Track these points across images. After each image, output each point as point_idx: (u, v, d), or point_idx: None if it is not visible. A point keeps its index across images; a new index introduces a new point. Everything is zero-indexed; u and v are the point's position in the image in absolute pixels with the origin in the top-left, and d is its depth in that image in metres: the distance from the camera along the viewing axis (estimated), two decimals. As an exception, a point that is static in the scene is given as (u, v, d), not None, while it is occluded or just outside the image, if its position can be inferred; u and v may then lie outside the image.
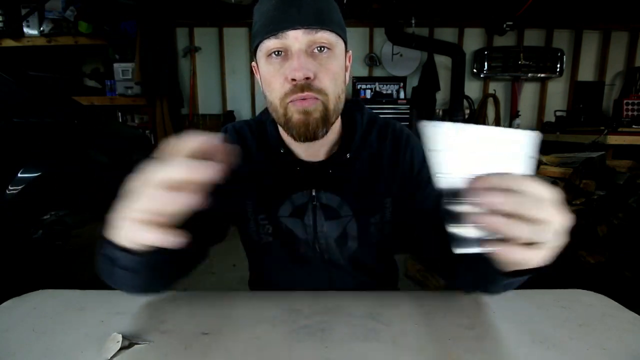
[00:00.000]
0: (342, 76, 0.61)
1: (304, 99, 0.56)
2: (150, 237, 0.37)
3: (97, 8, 3.57)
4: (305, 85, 0.55)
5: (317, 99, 0.56)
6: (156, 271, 0.50)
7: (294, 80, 0.55)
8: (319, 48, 0.56)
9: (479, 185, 0.33)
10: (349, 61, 0.66)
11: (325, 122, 0.58)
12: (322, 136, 0.59)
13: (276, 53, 0.57)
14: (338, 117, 0.63)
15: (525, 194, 0.32)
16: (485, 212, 0.33)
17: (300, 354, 0.47)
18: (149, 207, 0.37)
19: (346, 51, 0.64)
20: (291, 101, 0.57)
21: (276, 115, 0.60)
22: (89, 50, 3.90)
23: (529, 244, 0.34)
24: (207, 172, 0.35)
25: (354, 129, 0.68)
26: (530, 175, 0.34)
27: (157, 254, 0.43)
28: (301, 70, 0.54)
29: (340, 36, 0.59)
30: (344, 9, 0.65)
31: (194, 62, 4.15)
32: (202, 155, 0.37)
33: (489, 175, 0.33)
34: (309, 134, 0.58)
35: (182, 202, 0.36)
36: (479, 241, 0.35)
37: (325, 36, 0.56)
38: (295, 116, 0.57)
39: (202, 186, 0.36)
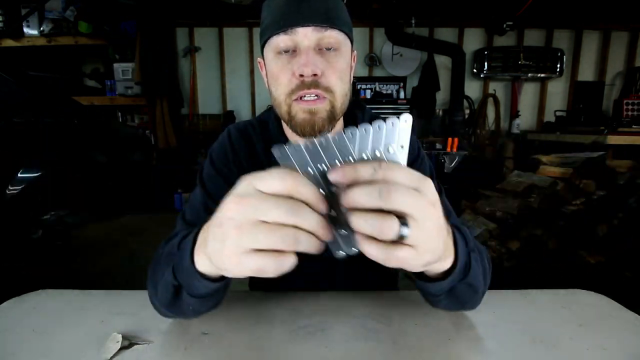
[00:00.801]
0: (348, 75, 0.61)
1: (310, 100, 0.56)
2: (266, 265, 0.30)
3: (97, 8, 3.57)
4: (312, 83, 0.55)
5: (324, 97, 0.57)
6: (220, 293, 0.48)
7: (301, 76, 0.55)
8: (326, 47, 0.57)
9: (335, 177, 0.30)
10: (354, 61, 0.66)
11: (332, 120, 0.58)
12: (327, 133, 0.59)
13: (285, 51, 0.57)
14: (343, 114, 0.64)
15: (384, 183, 0.29)
16: (343, 207, 0.30)
17: (300, 354, 0.47)
18: (270, 240, 0.29)
19: (352, 51, 0.64)
20: (296, 99, 0.57)
21: (279, 111, 0.61)
22: (89, 50, 3.90)
23: (395, 243, 0.30)
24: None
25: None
26: (398, 164, 0.31)
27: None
28: (309, 66, 0.54)
29: (347, 36, 0.60)
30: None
31: (194, 62, 4.15)
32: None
33: (343, 167, 0.30)
34: (314, 133, 0.58)
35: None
36: (348, 240, 0.32)
37: (334, 35, 0.57)
38: (300, 115, 0.57)
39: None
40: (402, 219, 0.29)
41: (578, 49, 4.15)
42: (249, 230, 0.29)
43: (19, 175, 1.59)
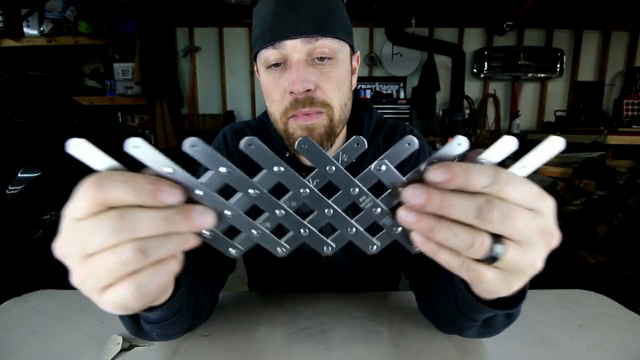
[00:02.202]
0: (347, 83, 0.58)
1: (306, 114, 0.53)
2: (125, 297, 0.24)
3: (97, 8, 3.57)
4: (306, 99, 0.52)
5: (320, 112, 0.54)
6: (179, 316, 0.41)
7: (293, 93, 0.52)
8: (319, 57, 0.53)
9: (436, 175, 0.23)
10: (357, 62, 0.63)
11: (330, 135, 0.55)
12: (327, 150, 0.56)
13: (275, 65, 0.54)
14: (344, 125, 0.60)
15: (497, 196, 0.23)
16: (424, 209, 0.24)
17: (300, 356, 0.47)
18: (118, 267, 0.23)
19: (353, 52, 0.61)
20: (292, 116, 0.54)
21: (277, 127, 0.58)
22: (89, 50, 3.89)
23: (485, 261, 0.25)
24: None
25: (361, 130, 0.65)
26: (519, 177, 0.25)
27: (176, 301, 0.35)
28: (300, 84, 0.51)
29: (344, 40, 0.56)
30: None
31: (194, 62, 4.15)
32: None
33: (450, 164, 0.24)
34: None
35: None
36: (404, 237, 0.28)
37: (327, 44, 0.53)
38: (298, 132, 0.54)
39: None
40: (497, 236, 0.24)
41: (578, 49, 4.15)
42: (82, 270, 0.24)
43: (19, 175, 1.58)
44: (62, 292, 0.64)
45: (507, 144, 0.26)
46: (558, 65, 4.09)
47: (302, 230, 0.27)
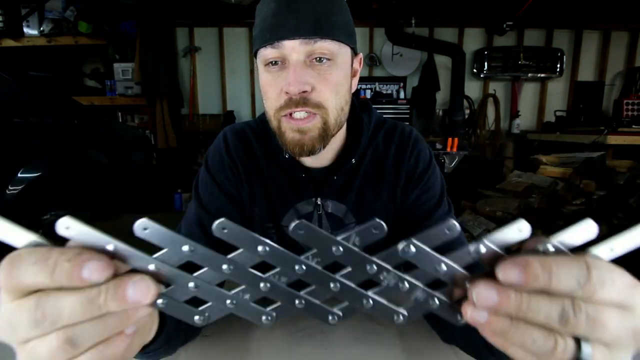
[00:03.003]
0: (345, 86, 0.57)
1: (299, 118, 0.53)
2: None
3: (97, 8, 3.57)
4: (300, 100, 0.52)
5: (315, 114, 0.53)
6: (174, 340, 0.40)
7: (288, 93, 0.52)
8: (318, 58, 0.53)
9: (509, 273, 0.20)
10: (360, 64, 0.63)
11: (324, 138, 0.55)
12: (320, 151, 0.56)
13: (273, 63, 0.54)
14: (341, 128, 0.60)
15: (585, 299, 0.20)
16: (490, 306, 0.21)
17: (300, 356, 0.47)
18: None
19: (355, 54, 0.60)
20: (285, 115, 0.54)
21: (271, 125, 0.58)
22: (89, 50, 3.89)
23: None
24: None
25: (360, 131, 0.65)
26: (612, 272, 0.21)
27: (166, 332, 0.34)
28: (296, 85, 0.50)
29: (344, 42, 0.55)
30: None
31: (194, 62, 4.15)
32: None
33: (531, 255, 0.21)
34: (303, 153, 0.55)
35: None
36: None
37: (326, 45, 0.52)
38: (289, 134, 0.54)
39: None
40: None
41: (578, 49, 4.15)
42: (22, 354, 0.21)
43: (19, 175, 1.59)
44: (62, 292, 0.64)
45: (587, 231, 0.22)
46: (558, 65, 4.08)
47: (296, 302, 0.24)
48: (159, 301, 0.23)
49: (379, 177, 0.65)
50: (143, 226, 0.21)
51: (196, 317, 0.24)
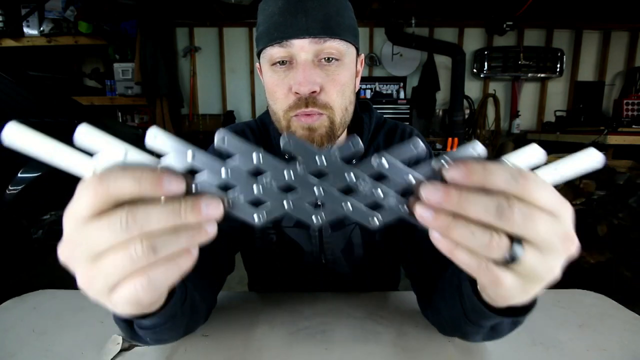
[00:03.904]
0: (351, 86, 0.57)
1: (308, 115, 0.53)
2: (137, 293, 0.23)
3: (97, 8, 3.57)
4: (310, 100, 0.52)
5: (321, 114, 0.53)
6: (173, 321, 0.39)
7: (297, 93, 0.52)
8: (326, 58, 0.53)
9: (455, 174, 0.23)
10: (361, 65, 0.63)
11: (331, 137, 0.55)
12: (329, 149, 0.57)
13: (281, 63, 0.53)
14: (345, 128, 0.60)
15: (517, 196, 0.22)
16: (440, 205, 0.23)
17: (300, 356, 0.47)
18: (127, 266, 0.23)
19: (358, 55, 0.60)
20: (295, 115, 0.54)
21: (279, 126, 0.58)
22: (89, 50, 3.89)
23: (504, 263, 0.24)
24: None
25: (361, 132, 0.65)
26: (542, 180, 0.23)
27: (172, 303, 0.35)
28: (306, 85, 0.50)
29: (351, 43, 0.55)
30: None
31: (194, 62, 4.15)
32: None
33: (472, 160, 0.23)
34: None
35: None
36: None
37: (334, 45, 0.52)
38: (299, 132, 0.54)
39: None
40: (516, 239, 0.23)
41: (578, 49, 4.15)
42: (90, 271, 0.23)
43: (19, 175, 1.58)
44: (62, 292, 0.64)
45: (534, 154, 0.25)
46: (558, 65, 4.09)
47: (284, 202, 0.26)
48: (226, 202, 0.25)
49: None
50: (222, 136, 0.24)
51: (255, 215, 0.26)
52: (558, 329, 0.53)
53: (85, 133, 0.24)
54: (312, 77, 0.51)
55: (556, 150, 3.13)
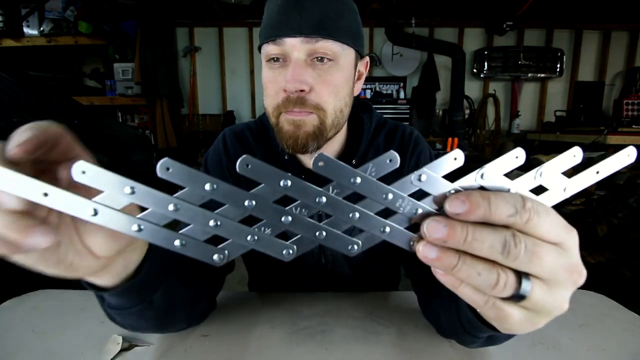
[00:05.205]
0: (346, 88, 0.57)
1: (297, 111, 0.53)
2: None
3: (97, 8, 3.57)
4: (298, 100, 0.52)
5: (311, 112, 0.53)
6: (146, 306, 0.40)
7: (286, 91, 0.52)
8: (319, 58, 0.53)
9: (454, 205, 0.22)
10: (365, 68, 0.62)
11: (318, 137, 0.55)
12: (314, 150, 0.56)
13: (275, 59, 0.54)
14: (338, 131, 0.60)
15: (522, 229, 0.22)
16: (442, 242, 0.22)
17: (300, 356, 0.47)
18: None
19: (361, 57, 0.60)
20: (284, 112, 0.54)
21: (270, 121, 0.59)
22: (89, 50, 3.89)
23: (511, 300, 0.23)
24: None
25: (361, 132, 0.65)
26: (545, 207, 0.22)
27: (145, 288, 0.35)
28: (293, 83, 0.51)
29: (348, 44, 0.55)
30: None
31: (194, 62, 4.15)
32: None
33: (473, 191, 0.22)
34: (296, 148, 0.55)
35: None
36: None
37: (327, 46, 0.52)
38: (286, 127, 0.54)
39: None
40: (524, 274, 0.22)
41: (578, 49, 4.15)
42: None
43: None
44: (62, 292, 0.64)
45: (517, 158, 0.24)
46: (558, 65, 4.08)
47: (317, 233, 0.24)
48: (176, 242, 0.23)
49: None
50: (166, 166, 0.21)
51: (215, 256, 0.24)
52: (558, 329, 0.53)
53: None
54: (302, 76, 0.51)
55: (556, 150, 3.13)
